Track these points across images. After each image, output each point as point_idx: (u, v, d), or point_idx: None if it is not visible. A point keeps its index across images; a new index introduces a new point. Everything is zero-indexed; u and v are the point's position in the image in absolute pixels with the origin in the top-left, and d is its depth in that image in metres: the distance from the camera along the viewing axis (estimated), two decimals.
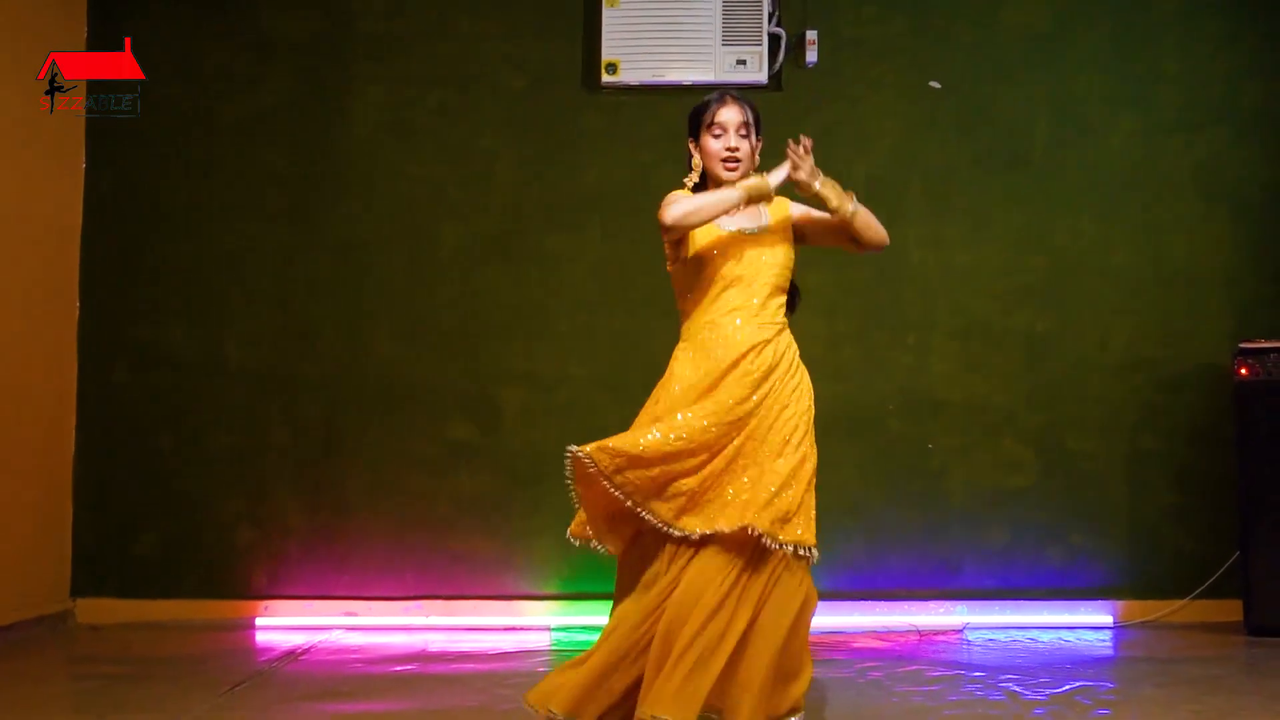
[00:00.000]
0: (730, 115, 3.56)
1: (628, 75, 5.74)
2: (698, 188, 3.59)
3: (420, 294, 5.77)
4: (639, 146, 5.79)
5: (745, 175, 3.55)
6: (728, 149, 3.53)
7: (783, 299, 3.55)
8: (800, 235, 3.63)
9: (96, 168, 5.79)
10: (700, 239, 3.51)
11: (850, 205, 3.48)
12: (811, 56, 5.73)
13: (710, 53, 5.73)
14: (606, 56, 5.73)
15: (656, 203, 5.48)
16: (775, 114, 5.68)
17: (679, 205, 3.43)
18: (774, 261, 3.52)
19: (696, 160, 3.60)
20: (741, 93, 3.66)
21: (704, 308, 3.50)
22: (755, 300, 3.47)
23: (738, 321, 3.44)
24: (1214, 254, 5.72)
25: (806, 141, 3.47)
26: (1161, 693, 4.11)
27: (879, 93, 5.81)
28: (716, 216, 3.44)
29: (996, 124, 5.79)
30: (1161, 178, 5.74)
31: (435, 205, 5.78)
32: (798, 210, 3.64)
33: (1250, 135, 5.74)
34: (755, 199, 3.46)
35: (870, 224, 3.54)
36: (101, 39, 5.76)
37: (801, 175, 3.44)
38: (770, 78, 5.75)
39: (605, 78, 5.73)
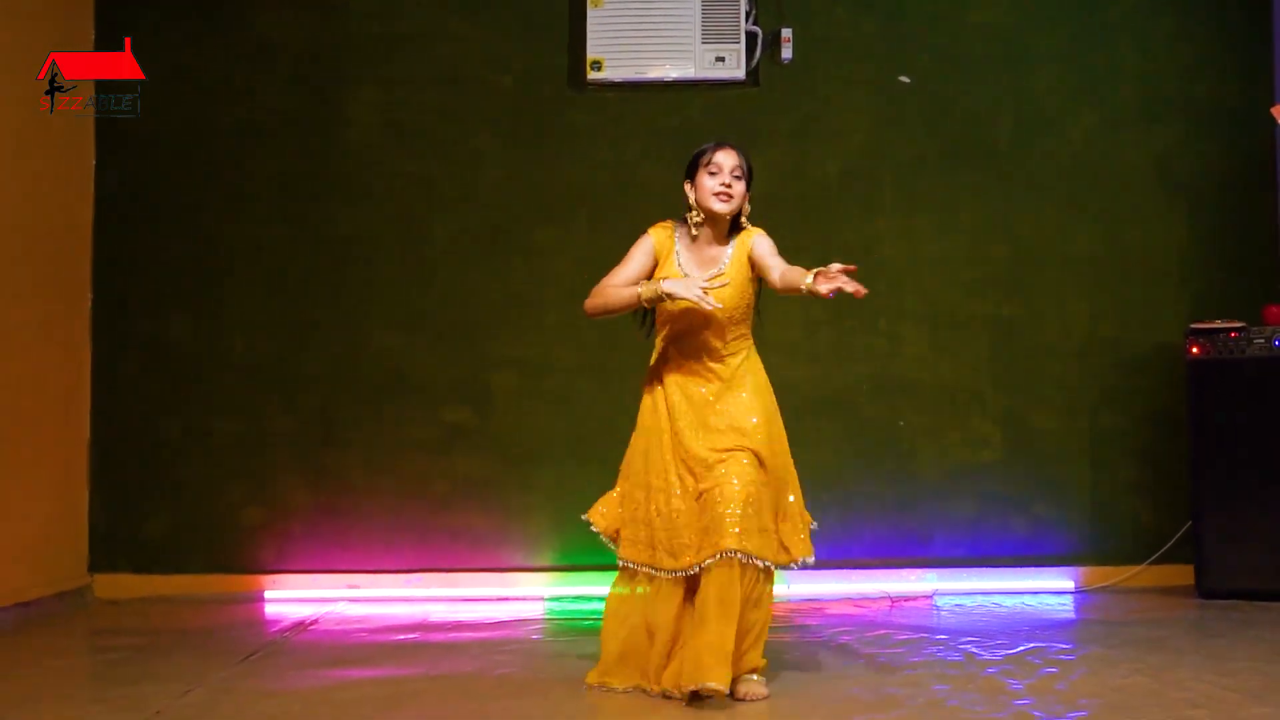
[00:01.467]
0: (725, 158, 3.87)
1: (612, 72, 5.96)
2: (691, 228, 3.94)
3: (414, 286, 6.01)
4: (624, 141, 6.03)
5: (734, 212, 3.88)
6: (722, 184, 3.83)
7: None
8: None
9: (105, 169, 6.01)
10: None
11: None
12: (787, 53, 5.95)
13: (690, 50, 5.96)
14: (591, 55, 5.94)
15: (641, 195, 5.83)
16: (753, 109, 6.02)
17: (591, 300, 3.97)
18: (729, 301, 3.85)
19: (692, 199, 3.91)
20: (739, 142, 3.97)
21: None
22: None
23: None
24: (1169, 242, 5.99)
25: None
26: (1108, 652, 4.39)
27: (851, 89, 6.06)
28: (622, 312, 3.90)
29: (963, 119, 6.04)
30: (1119, 169, 6.01)
31: (428, 201, 6.02)
32: (757, 249, 3.90)
33: (1204, 128, 6.01)
34: (651, 300, 3.80)
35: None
36: (107, 44, 5.93)
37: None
38: (748, 74, 5.98)
39: (590, 75, 5.95)
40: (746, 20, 5.97)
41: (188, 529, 5.94)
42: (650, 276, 3.93)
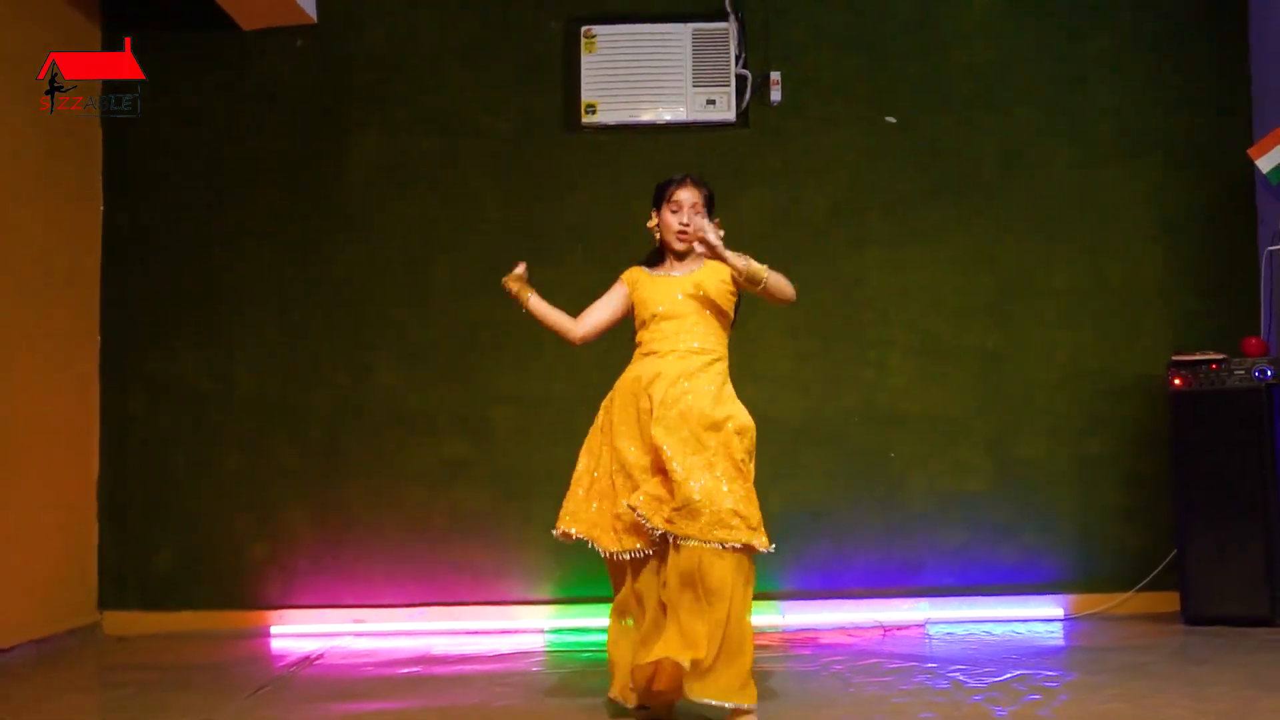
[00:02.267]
0: (685, 195, 4.16)
1: (605, 115, 6.12)
2: (654, 254, 4.28)
3: (415, 323, 6.15)
4: (617, 181, 6.16)
5: (691, 246, 4.12)
6: (681, 223, 4.12)
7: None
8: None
9: (113, 211, 6.17)
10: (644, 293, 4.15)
11: (761, 275, 3.93)
12: (776, 95, 6.12)
13: (682, 93, 6.12)
14: (586, 99, 6.11)
15: (635, 233, 5.95)
16: (744, 148, 6.17)
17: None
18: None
19: (653, 223, 4.24)
20: (699, 176, 4.22)
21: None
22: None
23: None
24: (1149, 273, 6.13)
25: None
26: (1092, 679, 4.51)
27: (839, 127, 6.22)
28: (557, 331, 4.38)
29: (947, 155, 6.19)
30: (1100, 203, 6.16)
31: (429, 242, 6.17)
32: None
33: (1181, 162, 6.15)
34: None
35: (780, 288, 4.00)
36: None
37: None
38: (738, 115, 6.14)
39: (585, 119, 6.11)
40: (736, 64, 6.13)
41: (194, 564, 6.07)
42: (625, 308, 4.30)
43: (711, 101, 6.11)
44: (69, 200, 5.94)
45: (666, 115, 6.13)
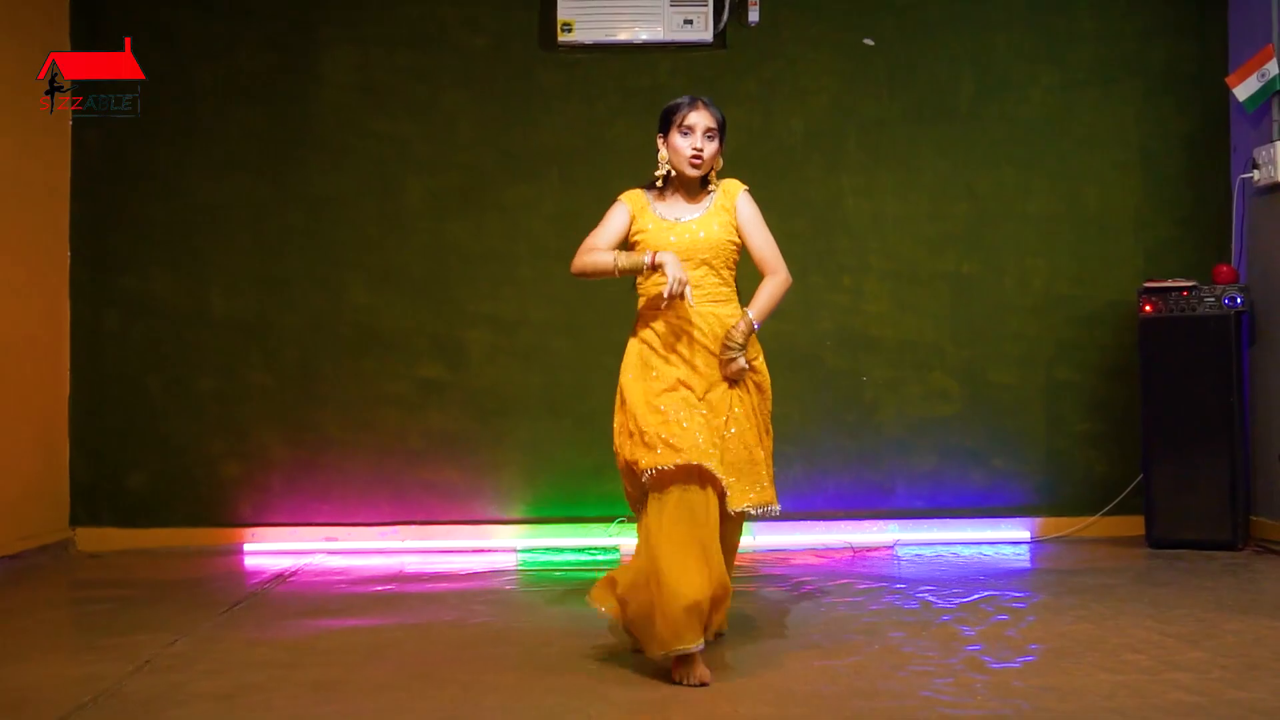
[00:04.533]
0: (699, 118, 3.86)
1: (582, 34, 6.04)
2: (664, 181, 3.94)
3: (390, 244, 6.12)
4: (593, 101, 6.14)
5: (705, 173, 3.89)
6: (694, 148, 3.84)
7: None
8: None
9: (82, 128, 6.07)
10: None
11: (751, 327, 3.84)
12: (754, 16, 6.05)
13: (659, 12, 6.05)
14: (562, 17, 6.03)
15: (611, 154, 5.97)
16: (721, 70, 6.13)
17: (576, 261, 3.88)
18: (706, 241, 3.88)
19: (663, 155, 3.91)
20: (710, 99, 3.92)
21: None
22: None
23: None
24: (1125, 201, 6.15)
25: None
26: (1057, 600, 4.59)
27: (816, 50, 6.17)
28: (599, 276, 3.84)
29: (924, 80, 6.16)
30: (1077, 130, 6.15)
31: (402, 160, 6.12)
32: (741, 214, 3.94)
33: (1159, 90, 6.15)
34: (627, 270, 3.78)
35: (774, 303, 3.94)
36: (83, 14, 6.05)
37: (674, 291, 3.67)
38: (715, 36, 6.08)
39: (561, 37, 6.03)
40: None
41: (168, 483, 6.07)
42: (628, 235, 3.94)
43: (689, 21, 6.05)
44: (36, 115, 5.82)
45: (643, 35, 6.07)
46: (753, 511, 3.81)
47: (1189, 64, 6.15)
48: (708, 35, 6.06)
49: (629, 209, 3.94)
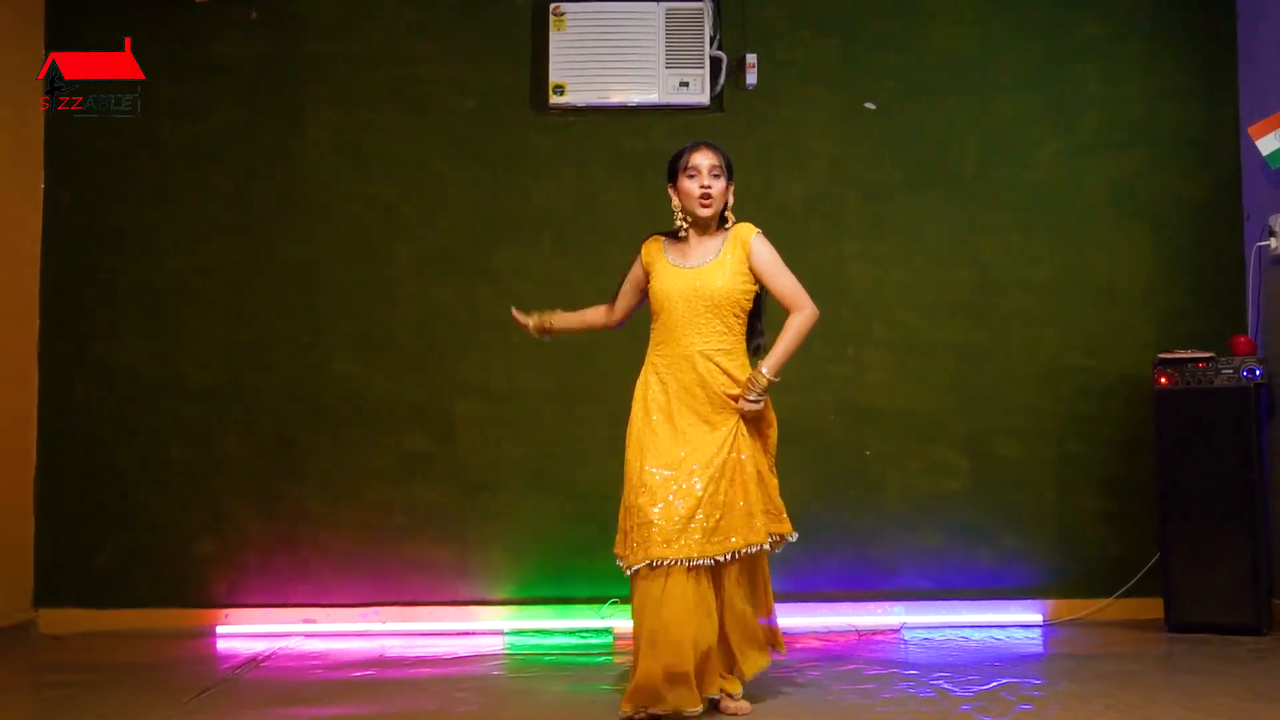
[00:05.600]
0: (702, 159, 3.99)
1: (575, 96, 5.89)
2: (679, 231, 4.08)
3: (374, 310, 5.90)
4: (586, 165, 5.96)
5: (718, 213, 4.03)
6: (702, 187, 3.96)
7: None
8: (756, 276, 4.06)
9: (54, 190, 5.89)
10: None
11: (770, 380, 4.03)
12: (751, 79, 5.91)
13: (654, 75, 5.90)
14: (554, 79, 5.88)
15: (605, 219, 5.81)
16: (717, 133, 5.87)
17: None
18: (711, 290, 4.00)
19: (676, 204, 4.05)
20: (714, 141, 4.08)
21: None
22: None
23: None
24: (1134, 268, 5.96)
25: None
26: (1081, 688, 4.33)
27: (815, 113, 6.01)
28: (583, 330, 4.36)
29: (927, 144, 5.99)
30: (1084, 195, 5.98)
31: (388, 224, 5.92)
32: (757, 259, 4.04)
33: (1168, 155, 5.98)
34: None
35: (799, 341, 4.08)
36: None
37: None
38: (712, 99, 5.93)
39: (553, 99, 5.88)
40: (711, 45, 5.92)
41: (136, 560, 5.80)
42: (645, 282, 4.14)
43: (685, 84, 5.90)
44: (6, 178, 5.66)
45: (637, 97, 5.91)
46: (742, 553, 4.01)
47: (1197, 128, 5.99)
48: (704, 98, 5.91)
49: (641, 259, 4.14)
